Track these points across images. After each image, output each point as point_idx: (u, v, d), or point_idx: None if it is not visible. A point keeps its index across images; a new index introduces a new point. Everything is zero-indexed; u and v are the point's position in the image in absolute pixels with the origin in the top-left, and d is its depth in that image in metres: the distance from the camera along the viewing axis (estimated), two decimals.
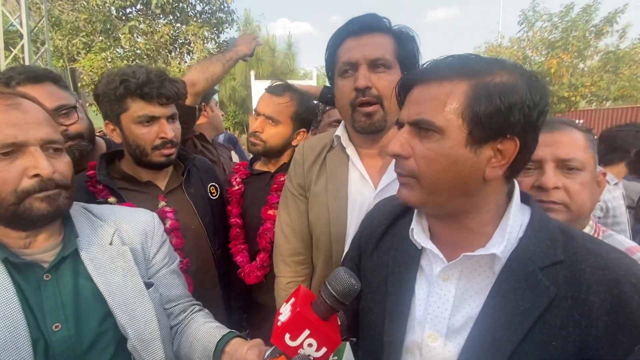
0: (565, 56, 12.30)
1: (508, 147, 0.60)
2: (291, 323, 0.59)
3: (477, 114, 0.58)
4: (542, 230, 0.62)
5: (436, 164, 0.61)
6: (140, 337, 0.80)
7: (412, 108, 0.63)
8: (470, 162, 0.60)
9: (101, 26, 9.11)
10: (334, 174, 1.11)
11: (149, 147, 1.18)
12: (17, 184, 0.69)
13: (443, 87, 0.60)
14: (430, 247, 0.68)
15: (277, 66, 11.45)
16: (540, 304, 0.57)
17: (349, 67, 1.02)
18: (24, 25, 6.25)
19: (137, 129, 1.16)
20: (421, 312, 0.68)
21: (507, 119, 0.58)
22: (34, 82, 1.17)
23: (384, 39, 1.01)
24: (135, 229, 0.91)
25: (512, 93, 0.58)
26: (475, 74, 0.59)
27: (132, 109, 1.15)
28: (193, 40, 9.83)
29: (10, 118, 0.69)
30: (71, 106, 1.24)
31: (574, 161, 0.87)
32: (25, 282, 0.74)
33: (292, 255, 1.20)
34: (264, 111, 1.39)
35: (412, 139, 0.63)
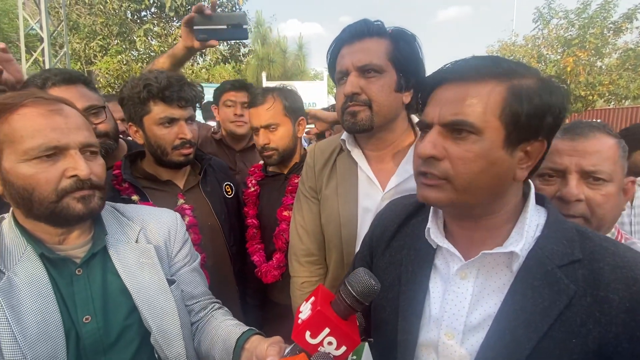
0: (582, 54, 11.99)
1: (536, 149, 0.61)
2: (312, 321, 0.59)
3: (518, 115, 0.58)
4: (559, 230, 0.63)
5: (475, 166, 0.60)
6: (162, 332, 0.84)
7: (445, 108, 0.61)
8: (507, 164, 0.60)
9: (117, 29, 9.35)
10: (343, 177, 1.13)
11: (169, 147, 1.24)
12: (58, 183, 0.74)
13: (480, 88, 0.59)
14: (447, 246, 0.68)
15: (288, 67, 11.49)
16: (560, 302, 0.57)
17: (342, 75, 1.05)
18: (44, 30, 6.47)
19: (158, 130, 1.22)
20: (437, 310, 0.68)
21: (542, 121, 0.59)
22: (67, 84, 1.24)
23: (375, 44, 1.01)
24: (159, 228, 0.95)
25: (547, 96, 0.59)
26: (509, 75, 0.59)
27: (154, 112, 1.21)
28: None
29: (53, 123, 0.74)
30: (100, 106, 1.31)
31: (600, 173, 0.83)
32: (60, 276, 0.78)
33: (306, 256, 1.22)
34: (260, 123, 1.43)
35: (444, 140, 0.62)
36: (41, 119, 0.73)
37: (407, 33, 1.04)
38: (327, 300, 0.63)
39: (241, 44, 11.40)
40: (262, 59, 10.81)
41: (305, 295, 1.18)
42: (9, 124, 0.72)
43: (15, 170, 0.72)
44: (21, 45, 6.67)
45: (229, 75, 14.61)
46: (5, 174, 0.73)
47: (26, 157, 0.72)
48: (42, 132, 0.73)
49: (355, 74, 1.01)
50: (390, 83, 1.01)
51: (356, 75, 1.01)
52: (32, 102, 0.75)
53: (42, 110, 0.74)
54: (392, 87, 1.02)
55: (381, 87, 1.00)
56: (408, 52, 1.01)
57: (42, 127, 0.73)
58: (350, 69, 1.02)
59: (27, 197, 0.73)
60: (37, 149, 0.72)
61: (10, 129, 0.72)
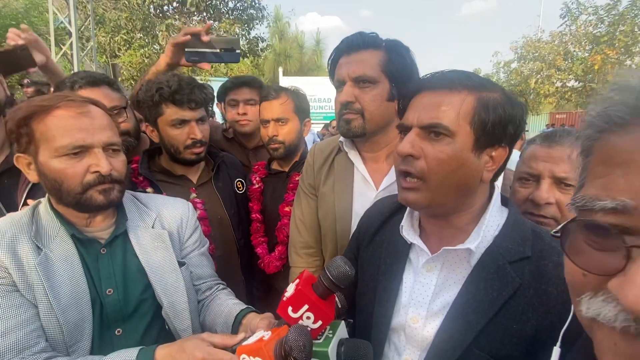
0: (610, 52, 11.47)
1: (499, 154, 0.69)
2: (293, 298, 0.70)
3: (485, 122, 0.66)
4: (516, 230, 0.70)
5: (447, 165, 0.67)
6: (172, 306, 0.96)
7: (422, 113, 0.69)
8: (475, 165, 0.69)
9: (140, 24, 9.64)
10: (340, 175, 1.22)
11: (182, 147, 1.35)
12: (83, 177, 0.86)
13: (454, 96, 0.67)
14: (417, 242, 0.77)
15: (304, 62, 11.56)
16: (506, 292, 0.65)
17: (339, 84, 1.13)
18: (73, 24, 6.77)
19: (171, 131, 1.34)
20: (406, 297, 0.77)
21: (505, 130, 0.67)
22: (92, 86, 1.37)
23: (370, 55, 1.08)
24: (173, 215, 1.07)
25: (509, 108, 0.67)
26: (478, 88, 0.68)
27: (167, 114, 1.32)
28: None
29: (80, 124, 0.86)
30: (122, 107, 1.43)
31: (571, 179, 0.90)
32: (87, 253, 0.91)
33: (304, 248, 1.32)
34: (271, 116, 1.51)
35: (421, 141, 0.69)
36: (71, 120, 0.85)
37: (401, 45, 1.11)
38: (309, 283, 0.73)
39: (260, 38, 11.51)
40: (279, 54, 10.92)
41: None
42: (45, 124, 0.84)
43: (49, 164, 0.85)
44: (51, 39, 7.01)
45: (248, 69, 14.81)
46: (41, 166, 0.86)
47: (57, 153, 0.84)
48: (71, 132, 0.85)
49: (350, 84, 1.09)
50: (382, 93, 1.09)
51: (351, 85, 1.09)
52: (65, 104, 0.86)
53: (72, 112, 0.86)
54: (384, 97, 1.09)
55: (373, 97, 1.08)
56: (401, 64, 1.08)
57: (71, 128, 0.85)
58: (346, 79, 1.10)
59: (57, 188, 0.86)
60: (66, 147, 0.84)
61: (45, 128, 0.84)
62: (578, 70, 12.29)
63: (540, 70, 13.50)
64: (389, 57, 1.07)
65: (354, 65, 1.08)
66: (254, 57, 11.66)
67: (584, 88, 12.97)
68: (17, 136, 0.86)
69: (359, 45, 1.09)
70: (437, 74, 0.72)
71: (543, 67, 13.35)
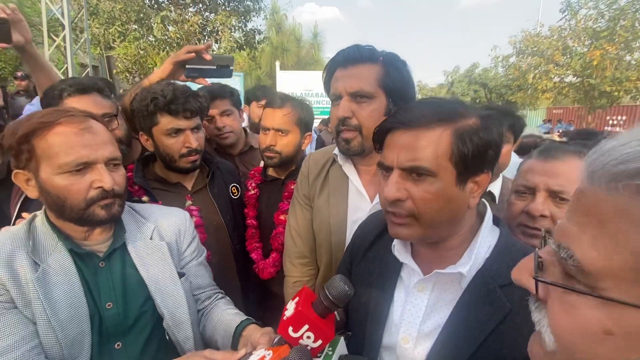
0: (610, 47, 11.44)
1: (483, 179, 0.70)
2: (294, 318, 0.71)
3: (465, 155, 0.67)
4: (507, 253, 0.71)
5: (434, 203, 0.68)
6: (173, 318, 0.96)
7: (401, 154, 0.69)
8: (461, 197, 0.70)
9: (135, 15, 9.45)
10: (335, 187, 1.22)
11: (177, 155, 1.35)
12: (87, 193, 0.87)
13: (429, 133, 0.67)
14: (408, 262, 0.78)
15: (302, 56, 11.42)
16: (496, 317, 0.66)
17: (335, 98, 1.11)
18: (66, 16, 6.62)
19: (166, 140, 1.33)
20: (398, 317, 0.78)
21: (485, 156, 0.68)
22: (81, 93, 1.35)
23: (367, 69, 1.06)
24: (170, 226, 1.07)
25: (486, 133, 0.67)
26: (452, 119, 0.68)
27: (162, 123, 1.32)
28: (221, 30, 10.00)
29: (83, 140, 0.86)
30: (113, 114, 1.41)
31: (565, 193, 0.91)
32: (86, 267, 0.91)
33: (298, 258, 1.33)
34: (272, 125, 1.49)
35: (405, 182, 0.69)
36: (74, 137, 0.85)
37: (398, 59, 1.10)
38: (309, 301, 0.75)
39: (256, 30, 11.35)
40: (277, 48, 10.76)
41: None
42: (46, 141, 0.83)
43: (51, 181, 0.84)
44: (44, 30, 6.86)
45: (244, 62, 14.63)
46: (42, 183, 0.85)
47: (60, 170, 0.84)
48: (75, 149, 0.84)
49: (347, 98, 1.08)
50: (379, 108, 1.08)
51: (348, 100, 1.08)
52: (66, 120, 0.86)
53: (74, 128, 0.86)
54: (382, 112, 1.08)
55: (371, 112, 1.07)
56: (398, 78, 1.07)
57: (74, 145, 0.85)
58: (343, 94, 1.08)
59: (60, 204, 0.86)
60: (70, 164, 0.84)
61: (47, 145, 0.83)
62: (576, 66, 12.26)
63: (538, 66, 13.45)
64: (386, 71, 1.06)
65: (351, 79, 1.07)
66: (251, 50, 11.51)
67: (581, 84, 12.97)
68: (16, 152, 0.85)
69: (356, 59, 1.07)
70: (407, 109, 0.71)
71: (541, 62, 13.30)
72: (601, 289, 0.34)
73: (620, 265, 0.32)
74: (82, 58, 8.15)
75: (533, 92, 14.49)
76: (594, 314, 0.35)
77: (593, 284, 0.34)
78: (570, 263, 0.36)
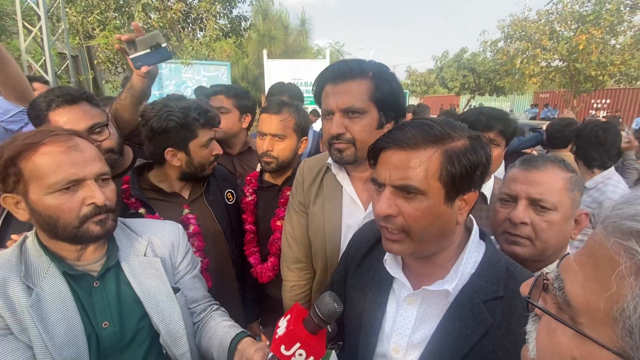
0: (595, 32, 11.53)
1: (470, 197, 0.74)
2: (286, 337, 0.74)
3: (453, 175, 0.70)
4: (491, 268, 0.76)
5: (423, 220, 0.72)
6: (170, 334, 0.98)
7: (393, 173, 0.72)
8: (449, 214, 0.73)
9: (115, 3, 9.07)
10: (329, 195, 1.24)
11: (208, 164, 1.43)
12: (79, 210, 0.86)
13: (420, 155, 0.70)
14: (399, 276, 0.82)
15: (289, 44, 11.17)
16: (479, 331, 0.71)
17: (327, 113, 1.13)
18: (41, 5, 6.32)
19: (201, 152, 1.39)
20: (389, 327, 0.83)
21: (472, 176, 0.71)
22: (70, 104, 1.32)
23: (357, 85, 1.07)
24: (164, 241, 1.07)
25: (473, 154, 0.71)
26: (442, 140, 0.71)
27: (201, 136, 1.37)
28: (205, 17, 9.69)
29: (71, 158, 0.85)
30: (104, 124, 1.38)
31: (545, 202, 0.95)
32: (80, 288, 0.91)
33: (295, 263, 1.36)
34: (269, 130, 1.50)
35: (396, 198, 0.73)
36: (61, 155, 0.84)
37: (387, 72, 1.12)
38: (300, 318, 0.78)
39: (242, 17, 11.04)
40: (263, 36, 10.49)
41: (294, 297, 1.36)
42: (33, 162, 0.82)
43: (42, 201, 0.84)
44: (18, 20, 6.54)
45: (231, 50, 14.26)
46: (32, 204, 0.84)
47: (50, 190, 0.83)
48: (63, 167, 0.84)
49: (339, 114, 1.10)
50: (372, 122, 1.10)
51: (340, 116, 1.09)
52: (50, 139, 0.85)
53: (60, 147, 0.85)
54: (374, 126, 1.11)
55: (363, 127, 1.09)
56: (388, 91, 1.09)
57: (62, 163, 0.84)
58: (335, 110, 1.10)
59: (52, 224, 0.85)
60: (59, 183, 0.83)
61: (34, 167, 0.82)
62: (563, 50, 12.36)
63: (526, 50, 13.51)
64: (376, 85, 1.08)
65: (342, 96, 1.08)
66: (237, 38, 11.22)
67: (567, 68, 13.11)
68: (3, 176, 0.84)
69: (345, 75, 1.08)
70: (403, 129, 0.74)
71: (529, 47, 13.35)
72: (579, 323, 0.38)
73: (597, 306, 0.36)
74: (61, 49, 7.81)
75: (521, 76, 14.60)
76: (567, 342, 0.40)
77: (574, 317, 0.39)
78: (560, 295, 0.41)
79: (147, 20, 9.12)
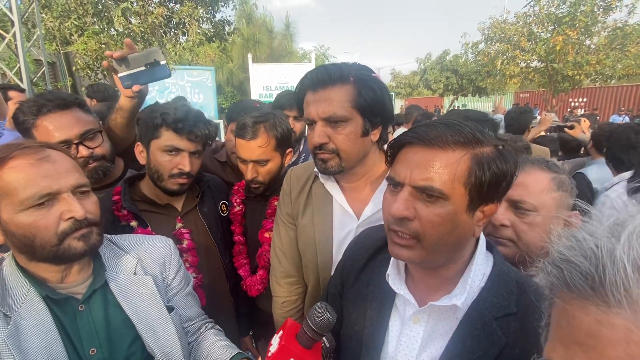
0: (571, 33, 11.95)
1: (491, 209, 0.69)
2: (278, 354, 0.71)
3: (481, 183, 0.64)
4: (501, 283, 0.71)
5: (442, 228, 0.65)
6: (165, 356, 0.92)
7: (415, 172, 0.65)
8: (468, 224, 0.68)
9: (93, 8, 8.81)
10: (319, 205, 1.18)
11: (167, 174, 1.29)
12: (57, 227, 0.79)
13: (447, 155, 0.64)
14: (404, 293, 0.76)
15: (274, 48, 11.10)
16: (492, 352, 0.66)
17: (309, 122, 1.08)
18: (14, 10, 6.06)
19: (160, 156, 1.28)
20: (393, 348, 0.77)
21: (498, 187, 0.66)
22: (62, 109, 1.25)
23: (338, 92, 1.01)
24: (154, 258, 1.01)
25: (503, 163, 0.66)
26: (472, 144, 0.65)
27: (162, 138, 1.27)
28: (188, 21, 9.52)
29: (43, 171, 0.78)
30: (97, 130, 1.32)
31: (524, 203, 0.93)
32: (63, 313, 0.84)
33: (285, 277, 1.29)
34: (251, 158, 1.39)
35: (415, 201, 0.66)
36: (31, 168, 0.77)
37: (369, 76, 1.05)
38: (293, 333, 0.75)
39: (226, 21, 10.92)
40: (248, 40, 10.38)
41: (285, 314, 1.29)
42: (1, 178, 0.75)
43: (15, 220, 0.76)
44: None
45: (215, 54, 14.09)
46: (5, 225, 0.77)
47: (22, 207, 0.76)
48: (34, 181, 0.77)
49: (321, 124, 1.04)
50: (356, 130, 1.04)
51: (322, 125, 1.04)
52: (19, 153, 0.77)
53: (30, 160, 0.77)
54: (358, 134, 1.04)
55: (347, 136, 1.03)
56: (371, 97, 1.02)
57: (33, 177, 0.77)
58: (316, 119, 1.04)
59: (29, 244, 0.78)
60: (31, 198, 0.76)
61: (3, 183, 0.75)
62: (541, 51, 12.75)
63: (505, 51, 13.88)
64: (358, 91, 1.01)
65: (323, 104, 1.01)
66: (221, 42, 11.08)
67: (545, 68, 13.53)
68: None
69: (325, 82, 1.02)
70: (427, 126, 0.68)
71: (508, 48, 13.72)
72: None
73: None
74: (37, 55, 7.51)
75: (501, 77, 14.98)
76: None
77: None
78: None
79: (127, 25, 8.90)
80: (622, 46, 12.06)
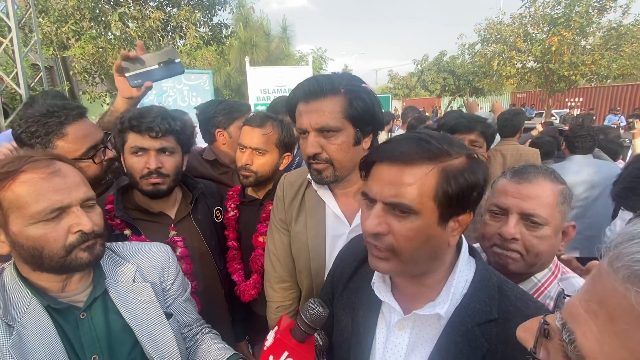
0: (566, 33, 12.03)
1: (464, 219, 0.71)
2: (273, 347, 0.75)
3: (449, 196, 0.66)
4: (483, 288, 0.73)
5: (415, 241, 0.68)
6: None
7: (386, 189, 0.67)
8: (441, 236, 0.69)
9: (90, 13, 8.82)
10: (311, 211, 1.20)
11: (138, 176, 1.28)
12: (65, 239, 0.82)
13: (415, 171, 0.66)
14: (389, 300, 0.78)
15: (271, 51, 11.14)
16: (475, 358, 0.68)
17: (301, 132, 1.10)
18: (11, 15, 6.07)
19: (130, 159, 1.28)
20: (380, 355, 0.78)
21: (469, 198, 0.68)
22: (82, 117, 1.28)
23: (330, 103, 1.03)
24: (153, 265, 1.03)
25: (471, 174, 0.67)
26: (439, 157, 0.66)
27: (129, 141, 1.27)
28: (185, 25, 9.55)
29: (54, 185, 0.80)
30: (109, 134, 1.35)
31: (537, 217, 0.92)
32: (65, 322, 0.86)
33: (279, 282, 1.31)
34: (250, 144, 1.44)
35: (387, 216, 0.68)
36: (42, 183, 0.79)
37: (359, 87, 1.07)
38: (288, 328, 0.78)
39: (223, 24, 10.95)
40: (245, 43, 10.41)
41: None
42: (12, 191, 0.77)
43: (24, 232, 0.78)
44: None
45: (212, 57, 14.10)
46: (13, 236, 0.79)
47: (33, 220, 0.79)
48: (46, 195, 0.79)
49: (314, 134, 1.06)
50: (348, 140, 1.07)
51: (315, 135, 1.06)
52: (30, 166, 0.79)
53: (41, 174, 0.79)
54: (351, 143, 1.07)
55: (339, 145, 1.06)
56: (362, 107, 1.04)
57: (44, 191, 0.79)
58: (309, 129, 1.07)
59: (37, 255, 0.80)
60: (42, 212, 0.79)
61: (14, 196, 0.77)
62: (536, 52, 12.83)
63: (502, 52, 13.96)
64: (349, 102, 1.03)
65: (315, 115, 1.04)
66: (218, 45, 11.12)
67: (541, 69, 13.61)
68: None
69: (316, 93, 1.04)
70: (395, 144, 0.70)
71: (505, 49, 13.81)
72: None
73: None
74: (34, 60, 7.51)
75: (498, 78, 15.06)
76: None
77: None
78: (571, 349, 0.37)
79: (124, 29, 8.91)
80: (617, 46, 12.15)
